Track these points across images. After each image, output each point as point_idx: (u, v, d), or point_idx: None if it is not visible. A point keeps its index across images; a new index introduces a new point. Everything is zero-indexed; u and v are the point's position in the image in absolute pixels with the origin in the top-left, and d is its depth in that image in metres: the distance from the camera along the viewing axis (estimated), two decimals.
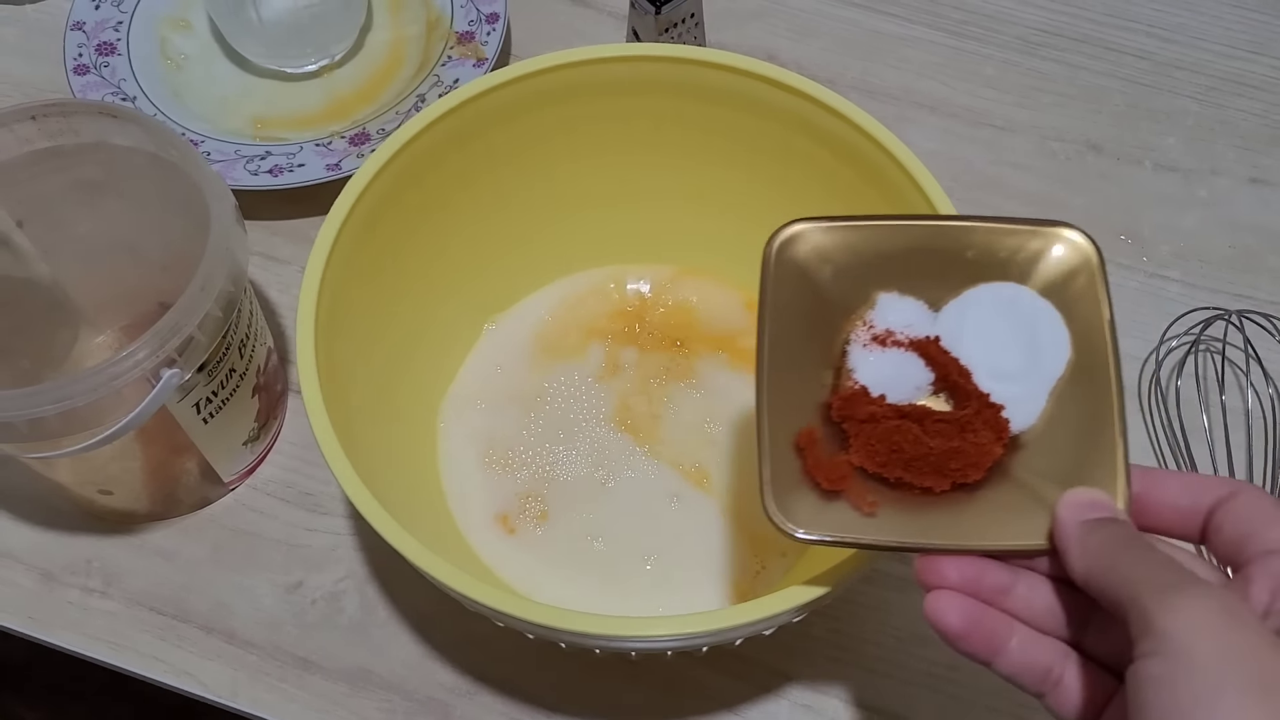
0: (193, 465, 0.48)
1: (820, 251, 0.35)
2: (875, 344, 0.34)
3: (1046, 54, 0.62)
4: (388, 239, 0.44)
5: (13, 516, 0.49)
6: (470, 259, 0.49)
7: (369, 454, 0.40)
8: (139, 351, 0.38)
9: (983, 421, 0.33)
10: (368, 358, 0.44)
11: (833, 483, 0.32)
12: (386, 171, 0.43)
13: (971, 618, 0.30)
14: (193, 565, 0.48)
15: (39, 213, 0.46)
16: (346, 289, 0.42)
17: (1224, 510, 0.29)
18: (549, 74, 0.45)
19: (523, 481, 0.48)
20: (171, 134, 0.43)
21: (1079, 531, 0.29)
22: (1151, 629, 0.25)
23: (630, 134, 0.48)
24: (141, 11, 0.60)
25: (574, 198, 0.50)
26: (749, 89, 0.45)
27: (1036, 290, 0.34)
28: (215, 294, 0.40)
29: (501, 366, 0.51)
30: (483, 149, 0.46)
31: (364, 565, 0.48)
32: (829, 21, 0.63)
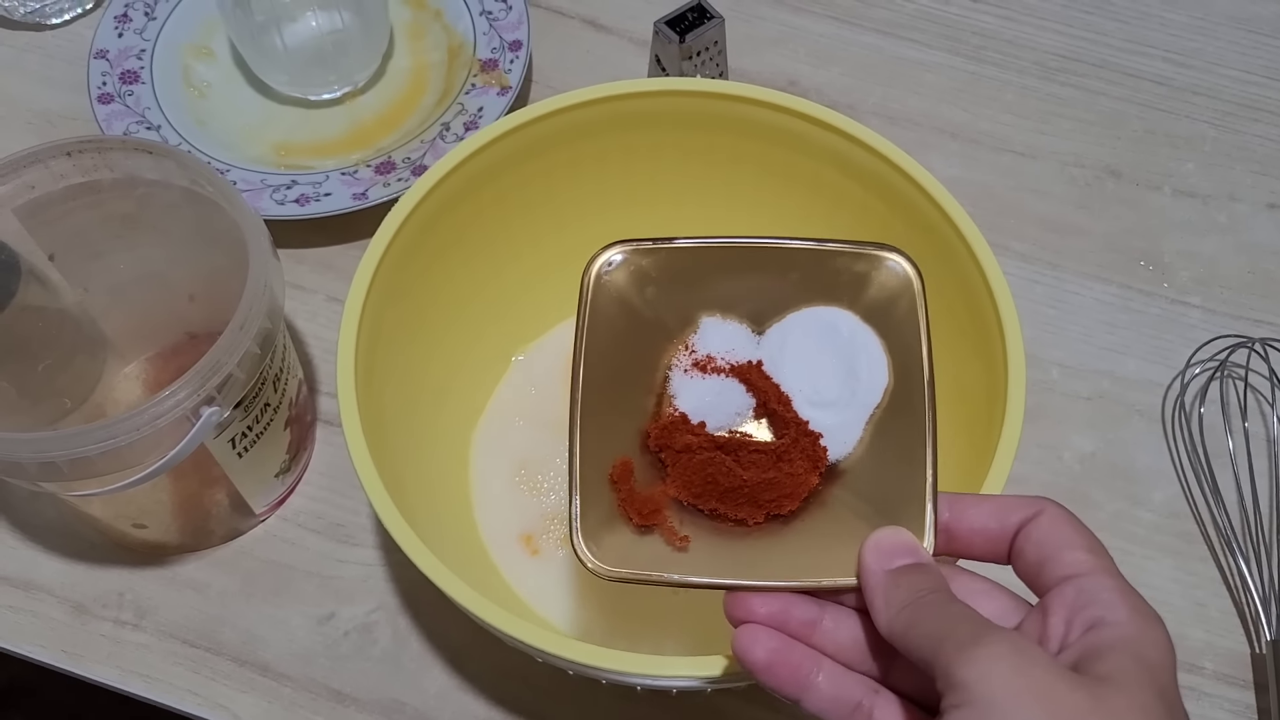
0: (223, 497, 0.48)
1: (641, 274, 0.35)
2: (696, 369, 0.34)
3: (1065, 79, 0.63)
4: (422, 269, 0.44)
5: (44, 549, 0.49)
6: (500, 288, 0.49)
7: (402, 474, 0.40)
8: (180, 391, 0.38)
9: (799, 451, 0.33)
10: (404, 384, 0.44)
11: (644, 518, 0.32)
12: (424, 204, 0.43)
13: (777, 652, 0.30)
14: (224, 597, 0.48)
15: (72, 246, 0.47)
16: (383, 322, 0.42)
17: (1025, 533, 0.30)
18: (584, 109, 0.45)
19: (550, 505, 0.49)
20: (208, 169, 0.43)
21: (884, 583, 0.29)
22: (952, 682, 0.26)
23: (659, 167, 0.48)
24: (164, 39, 0.60)
25: (603, 229, 0.50)
26: (781, 123, 0.45)
27: (860, 315, 0.34)
28: (254, 332, 0.40)
29: (536, 388, 0.51)
30: (514, 182, 0.46)
31: (395, 596, 0.48)
32: (849, 47, 0.64)
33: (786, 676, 0.30)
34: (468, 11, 0.61)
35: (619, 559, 0.32)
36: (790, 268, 0.34)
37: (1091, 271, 0.56)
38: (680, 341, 0.35)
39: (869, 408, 0.33)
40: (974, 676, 0.26)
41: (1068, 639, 0.28)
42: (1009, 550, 0.30)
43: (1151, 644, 0.27)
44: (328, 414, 0.52)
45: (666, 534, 0.32)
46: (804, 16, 0.65)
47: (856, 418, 0.33)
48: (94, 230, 0.46)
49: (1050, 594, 0.29)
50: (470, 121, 0.57)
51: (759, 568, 0.31)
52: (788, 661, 0.30)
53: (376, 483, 0.37)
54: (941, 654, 0.27)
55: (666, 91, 0.45)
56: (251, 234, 0.42)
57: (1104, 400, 0.53)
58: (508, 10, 0.60)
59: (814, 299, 0.34)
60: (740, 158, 0.47)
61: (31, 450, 0.38)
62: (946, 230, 0.42)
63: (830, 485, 0.33)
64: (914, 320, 0.33)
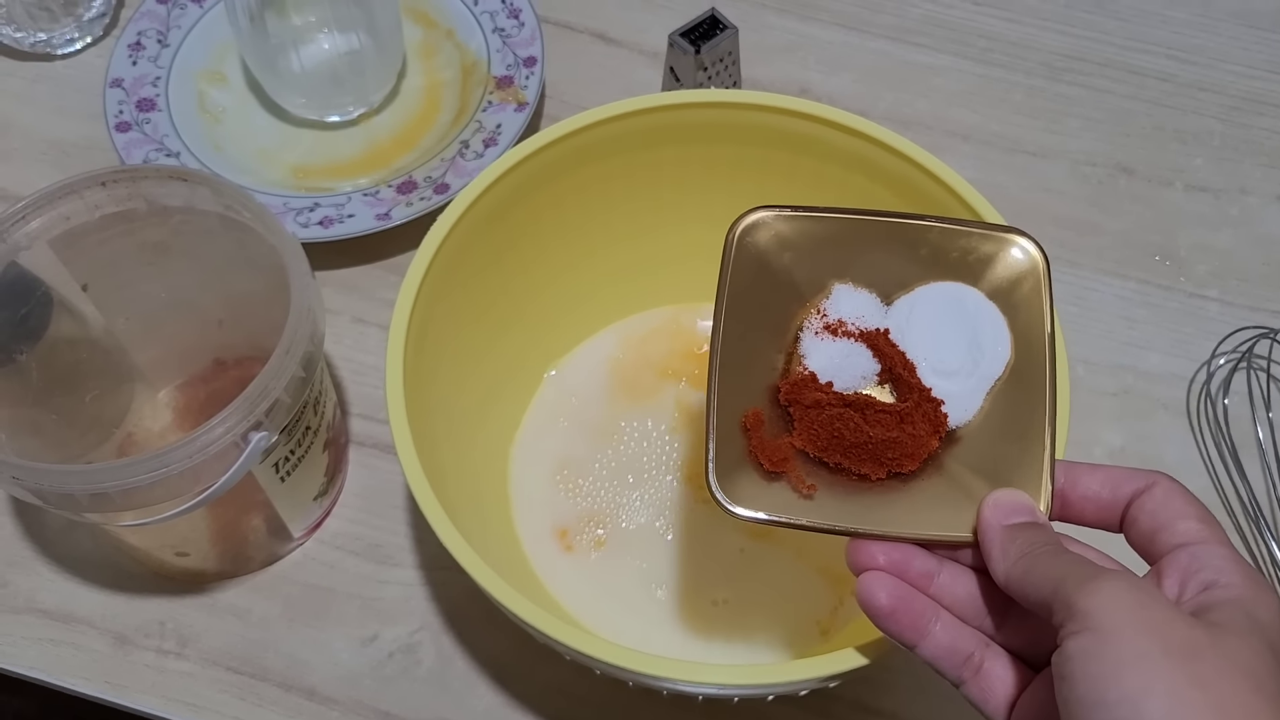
0: (260, 522, 0.48)
1: (781, 239, 0.36)
2: (827, 332, 0.36)
3: (1072, 79, 0.64)
4: (460, 286, 0.45)
5: (82, 580, 0.49)
6: (535, 304, 0.49)
7: (446, 483, 0.41)
8: (230, 417, 0.38)
9: (921, 415, 0.34)
10: (445, 402, 0.44)
11: (774, 464, 0.34)
12: (462, 222, 0.43)
13: (899, 598, 0.31)
14: (266, 622, 0.48)
15: (105, 275, 0.46)
16: (424, 342, 0.42)
17: (1139, 503, 0.31)
18: (615, 122, 0.45)
19: (585, 507, 0.49)
20: (243, 194, 0.43)
21: (1001, 536, 0.31)
22: (1074, 611, 0.27)
23: (687, 179, 0.49)
24: (178, 66, 0.60)
25: (631, 240, 0.50)
26: (808, 130, 0.45)
27: (984, 292, 0.36)
28: (299, 356, 0.40)
29: (576, 397, 0.51)
30: (547, 199, 0.46)
31: (438, 615, 0.48)
32: (858, 53, 0.64)
33: (906, 623, 0.31)
34: (480, 29, 0.61)
35: (748, 501, 0.33)
36: (921, 244, 0.36)
37: (1109, 268, 0.57)
38: (812, 305, 0.36)
39: (990, 379, 0.35)
40: (1095, 605, 0.27)
41: (1182, 599, 0.29)
42: (1120, 519, 0.32)
43: (1264, 605, 0.28)
44: (359, 435, 0.52)
45: (794, 481, 0.34)
46: (812, 24, 0.65)
47: (977, 388, 0.35)
48: (127, 259, 0.46)
49: (1164, 560, 0.30)
50: (489, 138, 0.57)
51: (880, 520, 0.33)
52: (909, 608, 0.31)
53: (439, 512, 0.37)
54: (1061, 589, 0.28)
55: (700, 104, 0.46)
56: (291, 258, 0.42)
57: (1129, 395, 0.54)
58: (520, 27, 0.61)
59: (942, 274, 0.36)
60: (768, 167, 0.47)
61: (83, 482, 0.38)
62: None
63: (949, 449, 0.34)
64: (1037, 300, 0.35)
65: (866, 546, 0.32)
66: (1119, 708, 0.25)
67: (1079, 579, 0.28)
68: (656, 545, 0.48)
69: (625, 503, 0.49)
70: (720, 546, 0.48)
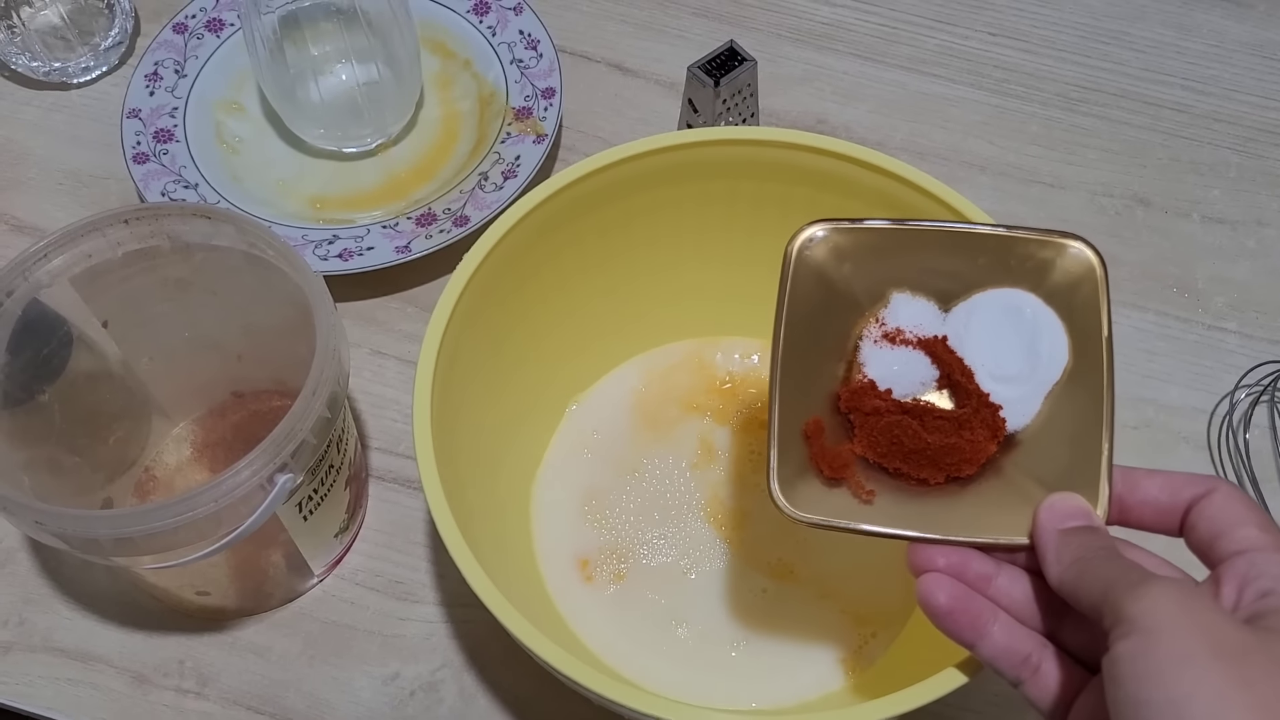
0: (279, 558, 0.47)
1: (839, 251, 0.37)
2: (885, 340, 0.37)
3: (1087, 109, 0.64)
4: (484, 325, 0.44)
5: (100, 618, 0.48)
6: (556, 337, 0.49)
7: (471, 519, 0.40)
8: (256, 460, 0.38)
9: (980, 420, 0.35)
10: (471, 437, 0.44)
11: (835, 471, 0.35)
12: (486, 261, 0.43)
13: (958, 599, 0.32)
14: (286, 660, 0.47)
15: (126, 312, 0.46)
16: (450, 379, 0.42)
17: (1199, 509, 0.31)
18: (642, 159, 0.45)
19: (607, 540, 0.49)
20: (267, 232, 0.43)
21: (1056, 540, 0.32)
22: (1122, 616, 0.28)
23: (709, 212, 0.48)
24: (196, 96, 0.60)
25: (652, 275, 0.50)
26: (833, 168, 0.45)
27: (1041, 297, 0.36)
28: (325, 397, 0.40)
29: (599, 431, 0.51)
30: (570, 235, 0.46)
31: (459, 653, 0.48)
32: (874, 84, 0.64)
33: (965, 623, 0.32)
34: (498, 60, 0.61)
35: (809, 507, 0.34)
36: (978, 252, 0.37)
37: (1128, 300, 0.57)
38: (871, 315, 0.37)
39: (1048, 383, 0.35)
40: (1142, 610, 0.27)
41: (1239, 605, 0.29)
42: (1180, 524, 0.32)
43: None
44: (378, 469, 0.52)
45: (854, 487, 0.35)
46: (828, 55, 0.65)
47: (1035, 393, 0.35)
48: (147, 295, 0.46)
49: (1222, 566, 0.30)
50: (509, 170, 0.57)
51: (938, 524, 0.34)
52: (967, 609, 0.32)
53: (471, 561, 0.37)
54: (1111, 594, 0.28)
55: (731, 141, 0.45)
56: (316, 297, 0.42)
57: (1151, 429, 0.53)
58: (538, 58, 0.61)
59: (1000, 281, 0.36)
60: (790, 203, 0.47)
61: (108, 527, 0.37)
62: None
63: (1007, 454, 0.35)
64: (1094, 304, 0.35)
65: (926, 550, 0.33)
66: (1165, 708, 0.26)
67: (1128, 584, 0.28)
68: (678, 583, 0.48)
69: (647, 539, 0.49)
70: (742, 586, 0.47)
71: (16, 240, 0.58)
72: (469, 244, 0.56)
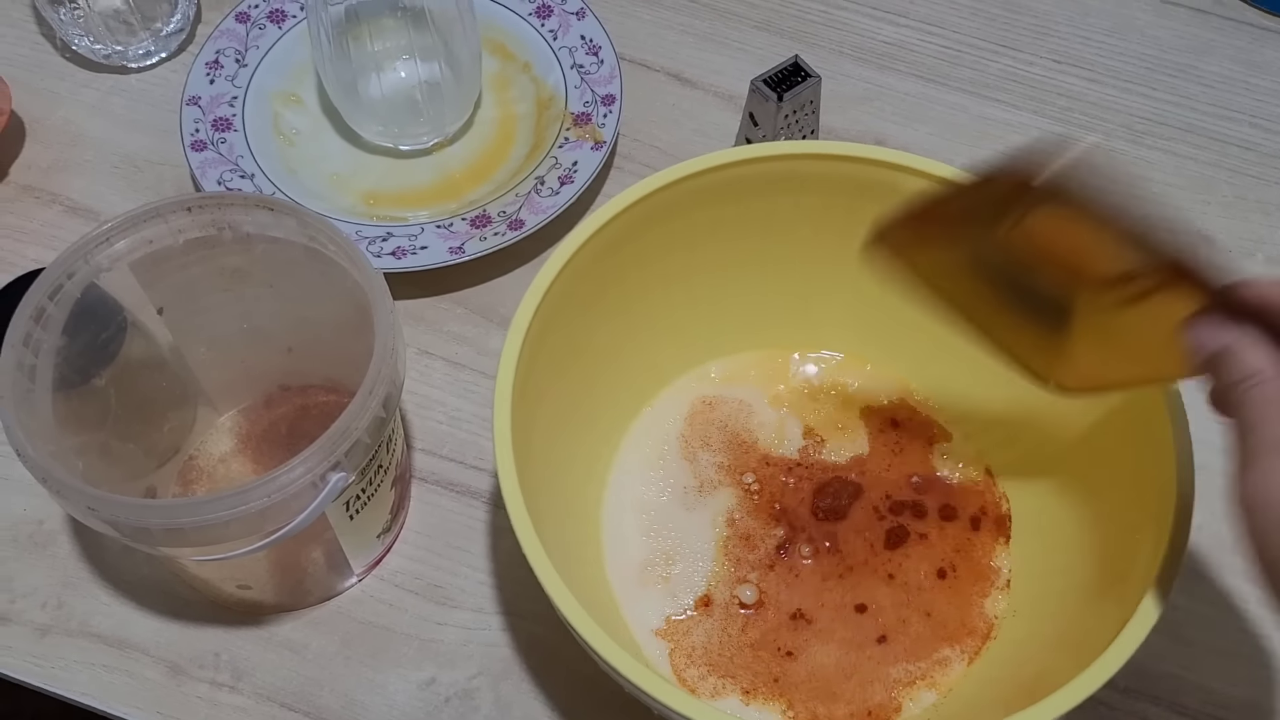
0: (320, 555, 0.47)
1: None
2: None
3: (1152, 143, 0.63)
4: (556, 340, 0.44)
5: (139, 607, 0.48)
6: (628, 346, 0.49)
7: (544, 526, 0.40)
8: (311, 457, 0.38)
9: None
10: (546, 447, 0.43)
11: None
12: (560, 278, 0.43)
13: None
14: (323, 659, 0.47)
15: (181, 299, 0.46)
16: (526, 392, 0.41)
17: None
18: (726, 169, 0.45)
19: (666, 549, 0.48)
20: (330, 227, 0.43)
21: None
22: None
23: (791, 229, 0.48)
24: (255, 86, 0.60)
25: (734, 288, 0.50)
26: (907, 184, 0.45)
27: None
28: (381, 397, 0.40)
29: (667, 440, 0.51)
30: (652, 242, 0.46)
31: (497, 662, 0.47)
32: (936, 107, 0.64)
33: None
34: (558, 65, 0.61)
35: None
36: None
37: None
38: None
39: None
40: None
41: None
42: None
43: None
44: (421, 471, 0.52)
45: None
46: (890, 75, 0.65)
47: None
48: (203, 283, 0.46)
49: None
50: (565, 176, 0.56)
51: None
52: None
53: (554, 577, 0.36)
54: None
55: (815, 155, 0.45)
56: (376, 296, 0.41)
57: (1207, 471, 0.52)
58: (599, 64, 0.60)
59: None
60: (852, 218, 0.47)
61: (160, 517, 0.37)
62: None
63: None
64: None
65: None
66: None
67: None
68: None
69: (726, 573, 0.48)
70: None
71: (70, 221, 0.58)
72: (522, 248, 0.56)
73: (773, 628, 0.46)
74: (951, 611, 0.46)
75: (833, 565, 0.48)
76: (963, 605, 0.46)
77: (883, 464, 0.50)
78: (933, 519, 0.48)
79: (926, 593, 0.47)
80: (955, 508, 0.48)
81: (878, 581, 0.47)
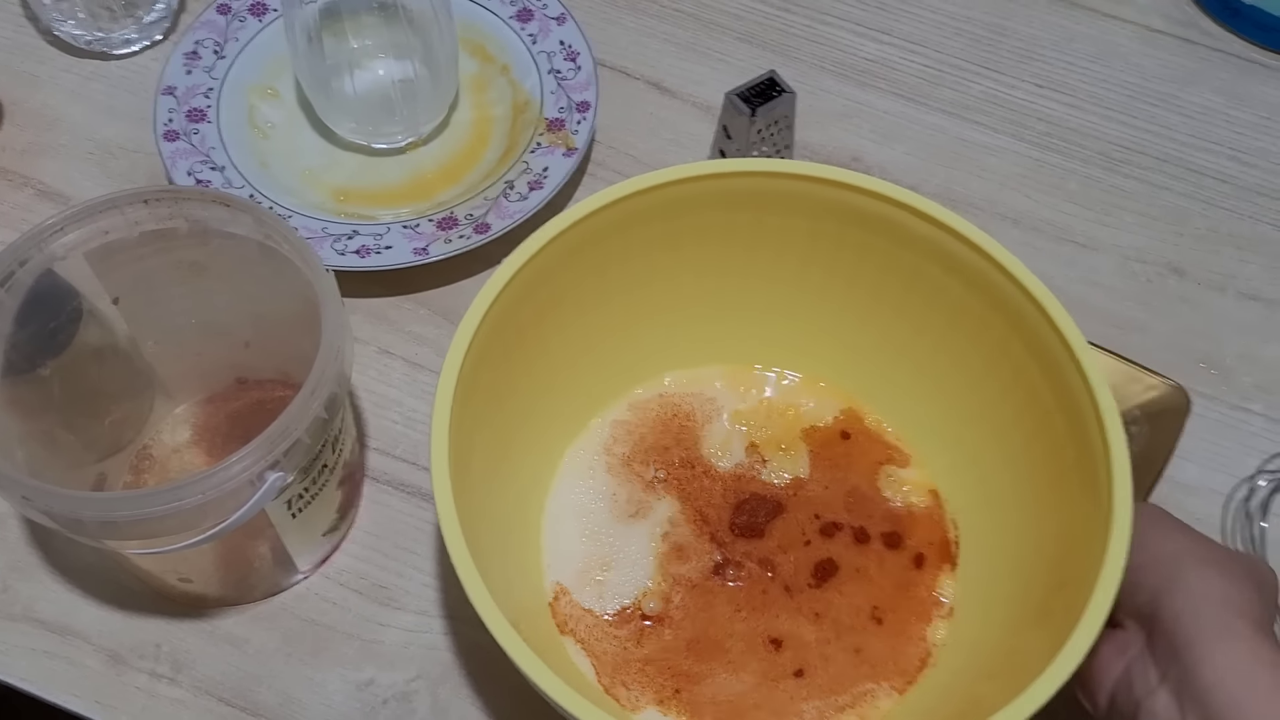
0: (266, 550, 0.47)
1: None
2: None
3: (1129, 171, 0.63)
4: (509, 341, 0.43)
5: (83, 594, 0.48)
6: (580, 358, 0.49)
7: (478, 531, 0.39)
8: (248, 457, 0.38)
9: None
10: (485, 450, 0.43)
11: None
12: (515, 281, 0.42)
13: None
14: (263, 655, 0.47)
15: (137, 291, 0.46)
16: (471, 393, 0.41)
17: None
18: (688, 184, 0.45)
19: (603, 556, 0.48)
20: (284, 225, 0.43)
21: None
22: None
23: (755, 247, 0.48)
24: (232, 79, 0.60)
25: (686, 307, 0.50)
26: (887, 214, 0.44)
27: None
28: (324, 398, 0.40)
29: (616, 445, 0.50)
30: (605, 252, 0.46)
31: (436, 665, 0.47)
32: (914, 127, 0.64)
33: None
34: (536, 69, 0.61)
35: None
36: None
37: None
38: None
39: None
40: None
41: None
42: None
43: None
44: (374, 470, 0.52)
45: None
46: (870, 92, 0.65)
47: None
48: (160, 276, 0.46)
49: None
50: (535, 181, 0.56)
51: None
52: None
53: (476, 579, 0.36)
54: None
55: (788, 175, 0.45)
56: (325, 295, 0.41)
57: (1163, 505, 0.52)
58: (576, 70, 0.60)
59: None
60: (842, 244, 0.47)
61: (94, 510, 0.37)
62: (1046, 331, 0.41)
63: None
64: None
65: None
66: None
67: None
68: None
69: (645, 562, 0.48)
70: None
71: (41, 205, 0.59)
72: (488, 251, 0.56)
73: (673, 647, 0.45)
74: (884, 649, 0.46)
75: (755, 593, 0.47)
76: (897, 642, 0.46)
77: (821, 485, 0.49)
78: (875, 545, 0.48)
79: (857, 633, 0.46)
80: (900, 535, 0.48)
81: (802, 619, 0.46)
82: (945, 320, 0.46)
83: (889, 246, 0.45)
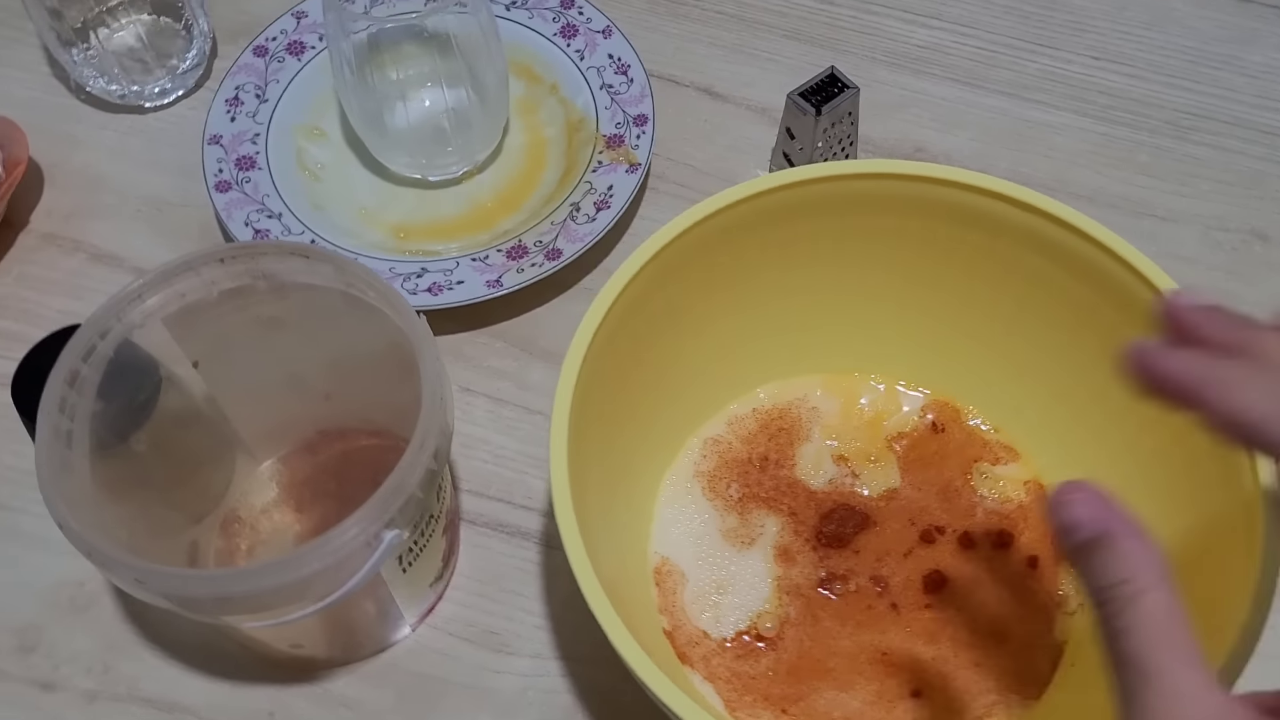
0: (372, 608, 0.45)
1: None
2: None
3: (1200, 138, 0.61)
4: (608, 371, 0.42)
5: (187, 668, 0.46)
6: (677, 375, 0.47)
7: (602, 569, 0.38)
8: (365, 517, 0.36)
9: None
10: (597, 482, 0.42)
11: None
12: (614, 307, 0.41)
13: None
14: (379, 715, 0.46)
15: (217, 351, 0.45)
16: (581, 434, 0.40)
17: None
18: (796, 189, 0.44)
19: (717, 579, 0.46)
20: (368, 273, 0.41)
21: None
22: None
23: (844, 251, 0.47)
24: (277, 121, 0.58)
25: (783, 313, 0.48)
26: (983, 205, 0.43)
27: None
28: (431, 450, 0.38)
29: (715, 464, 0.49)
30: (701, 270, 0.45)
31: (558, 710, 0.46)
32: (974, 111, 0.62)
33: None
34: (587, 85, 0.59)
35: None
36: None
37: None
38: None
39: None
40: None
41: None
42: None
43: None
44: (469, 513, 0.50)
45: None
46: (925, 80, 0.63)
47: None
48: (238, 334, 0.45)
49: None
50: (601, 201, 0.55)
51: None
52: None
53: (618, 625, 0.35)
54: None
55: (878, 174, 0.44)
56: (421, 344, 0.40)
57: None
58: (629, 84, 0.59)
59: None
60: (929, 240, 0.45)
61: (213, 588, 0.36)
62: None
63: None
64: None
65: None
66: None
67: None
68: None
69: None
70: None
71: (94, 269, 0.57)
72: (560, 277, 0.54)
73: (786, 668, 0.44)
74: (1007, 661, 0.44)
75: (860, 608, 0.45)
76: (1022, 651, 0.44)
77: (913, 487, 0.48)
78: (983, 550, 0.46)
79: (975, 649, 0.44)
80: (1011, 534, 0.47)
81: (915, 637, 0.45)
82: (1046, 311, 0.45)
83: (985, 239, 0.44)
